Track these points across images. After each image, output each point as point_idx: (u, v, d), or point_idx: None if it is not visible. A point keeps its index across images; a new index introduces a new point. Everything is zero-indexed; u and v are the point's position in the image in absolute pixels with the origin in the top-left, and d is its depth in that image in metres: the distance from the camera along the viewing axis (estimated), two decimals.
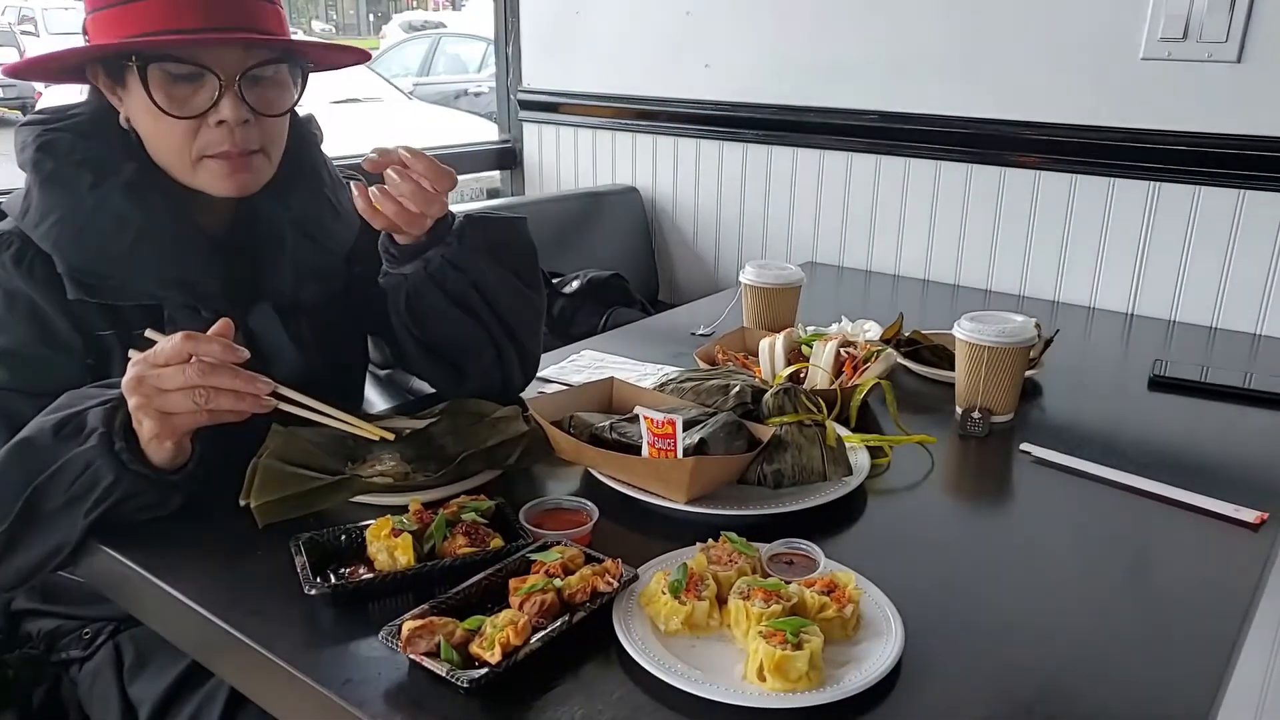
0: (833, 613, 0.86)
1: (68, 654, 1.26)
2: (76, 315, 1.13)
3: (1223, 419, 1.45)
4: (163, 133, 1.13)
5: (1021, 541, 1.12)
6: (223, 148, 1.13)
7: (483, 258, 1.26)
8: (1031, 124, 2.04)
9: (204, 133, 1.13)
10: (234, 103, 1.12)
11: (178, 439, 0.99)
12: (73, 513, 0.99)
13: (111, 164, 1.14)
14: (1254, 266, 1.86)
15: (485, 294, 1.27)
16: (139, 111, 1.14)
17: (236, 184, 1.16)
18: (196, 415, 0.98)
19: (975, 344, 1.35)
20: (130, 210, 1.13)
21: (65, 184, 1.13)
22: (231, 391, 0.97)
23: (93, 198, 1.12)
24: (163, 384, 0.96)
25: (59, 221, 1.11)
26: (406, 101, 8.48)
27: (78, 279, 1.12)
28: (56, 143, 1.15)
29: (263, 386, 0.99)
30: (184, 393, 0.96)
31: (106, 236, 1.12)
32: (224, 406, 0.98)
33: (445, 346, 1.31)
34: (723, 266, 2.65)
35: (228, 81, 1.11)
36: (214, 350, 0.97)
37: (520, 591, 0.86)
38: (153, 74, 1.10)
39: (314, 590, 0.89)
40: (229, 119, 1.12)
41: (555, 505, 1.05)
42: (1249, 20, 1.77)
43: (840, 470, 1.16)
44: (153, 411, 0.97)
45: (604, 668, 0.83)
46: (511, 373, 1.37)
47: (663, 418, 1.08)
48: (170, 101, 1.11)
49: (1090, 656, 0.87)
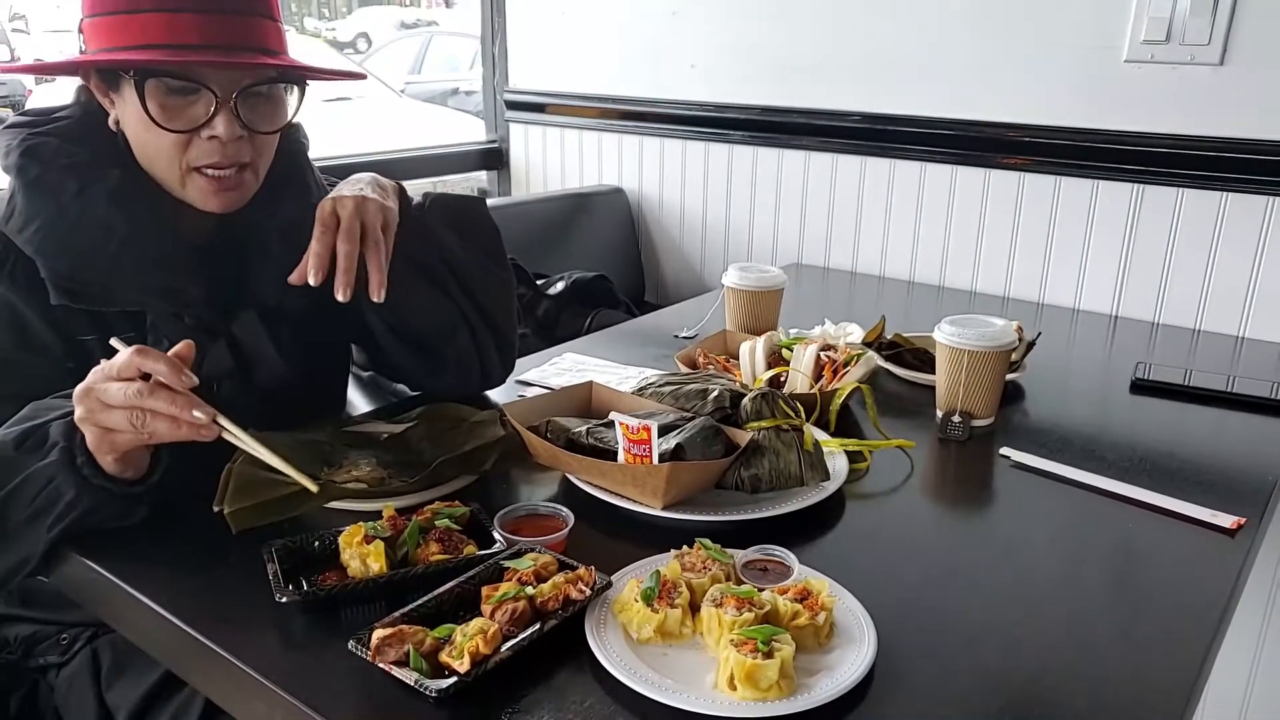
0: (805, 620, 0.86)
1: (45, 659, 1.25)
2: (59, 320, 1.13)
3: (1205, 423, 1.45)
4: (154, 142, 1.13)
5: (999, 546, 1.12)
6: (213, 159, 1.13)
7: (446, 231, 1.28)
8: (1016, 126, 2.04)
9: (195, 144, 1.12)
10: (229, 120, 1.11)
11: (119, 454, 0.98)
12: (36, 527, 0.99)
13: (97, 169, 1.14)
14: (1237, 269, 1.86)
15: (453, 267, 1.29)
16: (131, 120, 1.13)
17: (223, 202, 1.16)
18: (136, 436, 0.96)
19: (955, 348, 1.35)
20: (115, 217, 1.13)
21: (50, 189, 1.12)
22: (169, 417, 0.95)
23: (77, 204, 1.12)
24: (106, 399, 0.95)
25: (43, 227, 1.11)
26: (398, 99, 8.46)
27: (61, 285, 1.11)
28: (41, 147, 1.14)
29: (200, 416, 0.96)
30: (123, 411, 0.94)
31: (91, 243, 1.12)
32: (160, 430, 0.95)
33: (420, 329, 1.30)
34: (709, 267, 2.65)
35: (224, 98, 1.10)
36: (160, 369, 0.95)
37: (492, 600, 0.86)
38: (149, 86, 1.09)
39: (285, 598, 0.89)
40: (222, 135, 1.11)
41: (531, 511, 1.05)
42: (1231, 23, 1.77)
43: (818, 475, 1.16)
44: (92, 426, 0.96)
45: (575, 676, 0.83)
46: (489, 359, 1.37)
47: (638, 423, 1.07)
48: (164, 113, 1.10)
49: (1065, 662, 0.87)
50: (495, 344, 1.36)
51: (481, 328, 1.33)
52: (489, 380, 1.40)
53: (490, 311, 1.34)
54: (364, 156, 2.72)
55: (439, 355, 1.33)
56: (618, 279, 2.44)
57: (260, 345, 1.24)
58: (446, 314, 1.29)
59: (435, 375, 1.36)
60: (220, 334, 1.22)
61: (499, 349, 1.38)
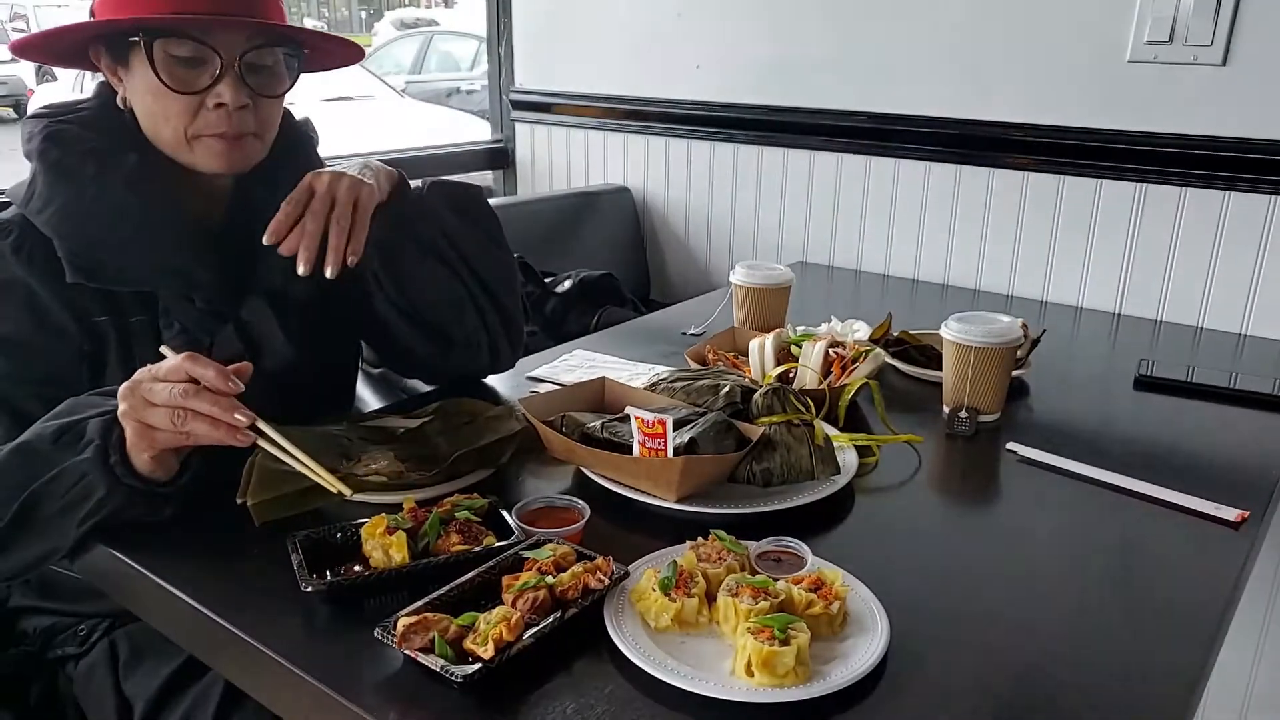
0: (820, 609, 0.87)
1: (63, 651, 1.27)
2: (73, 301, 1.16)
3: (1207, 419, 1.47)
4: (162, 110, 1.17)
5: (1006, 539, 1.13)
6: (220, 129, 1.17)
7: (447, 212, 1.33)
8: (1019, 125, 2.06)
9: (203, 114, 1.16)
10: (234, 84, 1.15)
11: (155, 452, 1.00)
12: (66, 520, 1.01)
13: (114, 155, 1.18)
14: (1239, 267, 1.88)
15: (456, 244, 1.33)
16: (139, 91, 1.17)
17: (229, 161, 1.20)
18: (175, 435, 0.99)
19: (962, 344, 1.37)
20: (130, 200, 1.16)
21: (69, 173, 1.16)
22: (208, 418, 0.98)
23: (95, 186, 1.16)
24: (151, 397, 0.98)
25: (61, 208, 1.15)
26: (399, 99, 8.47)
27: (77, 263, 1.14)
28: (63, 133, 1.18)
29: (241, 419, 1.00)
30: (165, 410, 0.98)
31: (106, 224, 1.16)
32: (198, 431, 0.99)
33: (427, 307, 1.33)
34: (714, 266, 2.67)
35: (228, 62, 1.15)
36: (208, 375, 0.99)
37: (513, 589, 0.88)
38: (157, 53, 1.13)
39: (310, 587, 0.90)
40: (228, 101, 1.15)
41: (547, 504, 1.07)
42: (1234, 23, 1.79)
43: (828, 469, 1.18)
44: (134, 422, 0.99)
45: (595, 663, 0.85)
46: (497, 340, 1.40)
47: (653, 418, 1.09)
48: (173, 79, 1.14)
49: (1072, 652, 0.89)
50: (501, 323, 1.40)
51: (488, 305, 1.37)
52: (497, 362, 1.43)
53: (494, 289, 1.37)
54: (371, 156, 2.73)
55: (447, 336, 1.36)
56: (624, 277, 2.45)
57: (268, 329, 1.27)
58: (452, 290, 1.33)
59: (445, 358, 1.38)
60: (229, 318, 1.24)
61: (505, 328, 1.41)
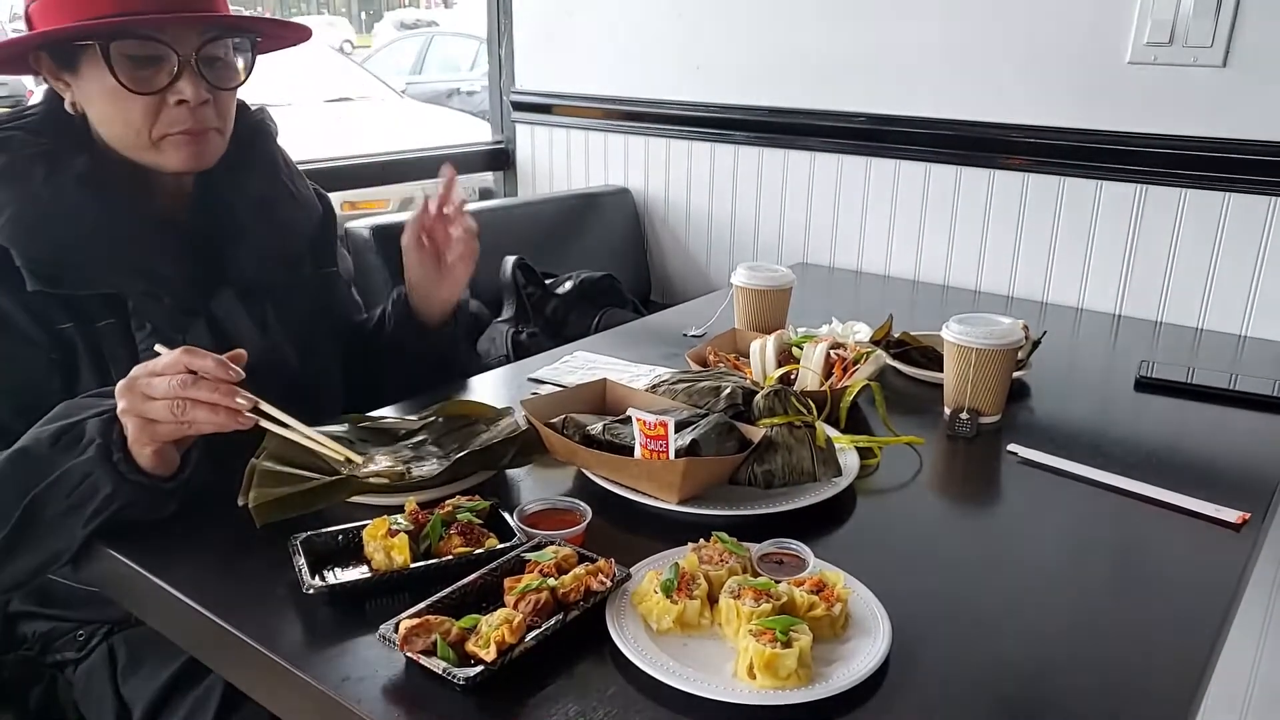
0: (821, 611, 0.88)
1: (63, 655, 1.27)
2: (37, 310, 1.14)
3: (1208, 420, 1.47)
4: (122, 113, 1.16)
5: (1007, 541, 1.14)
6: (184, 126, 1.17)
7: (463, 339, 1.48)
8: (1020, 127, 2.06)
9: (165, 114, 1.17)
10: (193, 79, 1.16)
11: (157, 447, 1.00)
12: (72, 521, 1.01)
13: (65, 157, 1.17)
14: (1239, 268, 1.88)
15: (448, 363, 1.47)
16: (94, 95, 1.17)
17: (196, 158, 1.20)
18: (177, 426, 0.99)
19: (963, 346, 1.37)
20: (86, 200, 1.16)
21: (19, 177, 1.15)
22: (209, 405, 0.99)
23: (47, 189, 1.15)
24: (150, 391, 0.99)
25: (14, 216, 1.13)
26: (399, 100, 8.46)
27: (36, 271, 1.13)
28: (9, 140, 1.18)
29: (242, 403, 1.00)
30: (165, 402, 0.98)
31: (63, 227, 1.14)
32: (199, 419, 0.99)
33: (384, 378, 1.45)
34: (715, 267, 2.67)
35: (185, 58, 1.15)
36: (206, 365, 0.99)
37: (515, 591, 0.87)
38: (115, 56, 1.13)
39: (312, 589, 0.90)
40: (190, 98, 1.15)
41: (549, 505, 1.07)
42: (1234, 25, 1.79)
43: (830, 471, 1.18)
44: (135, 417, 0.99)
45: (597, 665, 0.85)
46: None
47: (655, 419, 1.09)
48: (132, 80, 1.14)
49: (1074, 654, 0.89)
50: None
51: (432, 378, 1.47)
52: None
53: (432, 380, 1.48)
54: (371, 157, 2.74)
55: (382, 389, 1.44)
56: (624, 278, 2.45)
57: (240, 323, 1.26)
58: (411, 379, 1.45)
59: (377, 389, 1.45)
60: (200, 313, 1.24)
61: None
